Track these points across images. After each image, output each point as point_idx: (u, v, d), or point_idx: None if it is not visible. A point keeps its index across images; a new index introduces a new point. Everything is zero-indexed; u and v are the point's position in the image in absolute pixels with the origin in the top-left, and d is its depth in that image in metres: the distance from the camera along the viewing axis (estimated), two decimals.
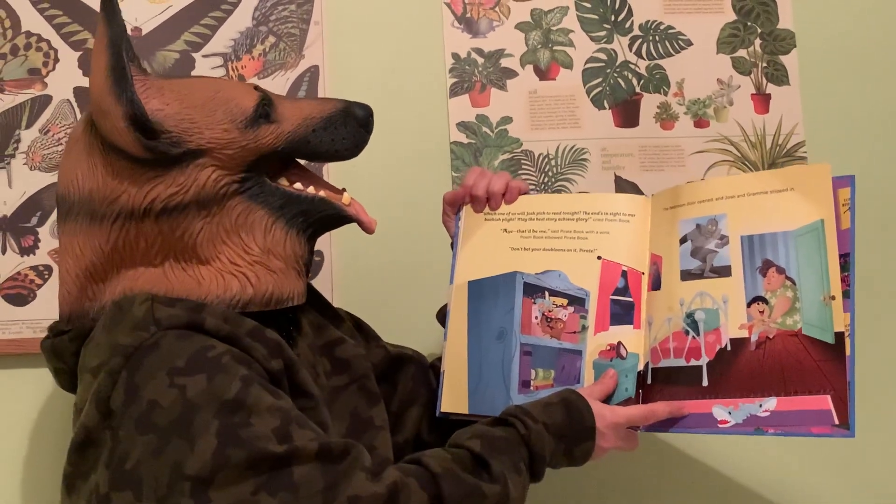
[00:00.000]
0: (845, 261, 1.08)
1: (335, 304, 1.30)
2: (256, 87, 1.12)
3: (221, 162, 1.06)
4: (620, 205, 1.24)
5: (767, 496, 1.55)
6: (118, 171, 1.04)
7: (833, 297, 1.07)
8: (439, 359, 1.33)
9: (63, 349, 1.08)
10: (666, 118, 1.59)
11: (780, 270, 1.11)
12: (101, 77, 1.03)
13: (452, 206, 1.30)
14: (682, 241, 1.18)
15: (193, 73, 1.50)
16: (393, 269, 1.51)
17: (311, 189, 1.13)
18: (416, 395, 1.28)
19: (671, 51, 1.61)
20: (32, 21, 1.48)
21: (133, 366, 0.95)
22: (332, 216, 1.14)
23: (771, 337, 1.10)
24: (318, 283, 1.45)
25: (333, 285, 1.49)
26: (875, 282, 1.57)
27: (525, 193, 1.27)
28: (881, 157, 1.62)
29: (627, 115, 1.59)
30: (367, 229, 1.16)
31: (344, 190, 1.17)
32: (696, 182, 1.25)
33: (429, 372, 1.31)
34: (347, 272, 1.50)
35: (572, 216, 1.24)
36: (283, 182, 1.12)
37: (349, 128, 1.13)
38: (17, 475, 1.41)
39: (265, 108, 1.10)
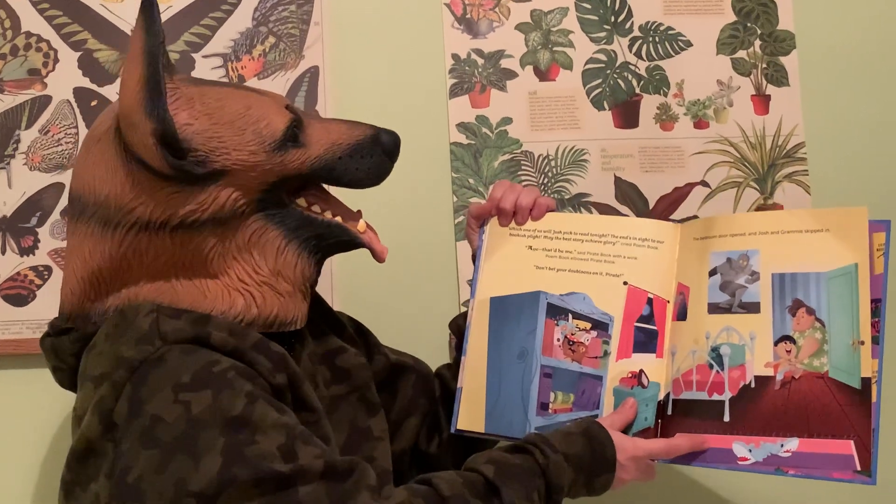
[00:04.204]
0: (876, 306, 1.07)
1: (335, 307, 1.30)
2: (288, 106, 1.09)
3: (243, 183, 1.04)
4: (649, 230, 1.22)
5: None
6: (138, 181, 1.02)
7: (862, 342, 1.06)
8: (446, 366, 1.33)
9: (63, 349, 1.07)
10: (666, 119, 1.59)
11: (810, 311, 1.10)
12: (133, 88, 1.00)
13: (478, 220, 1.29)
14: (712, 273, 1.17)
15: (193, 73, 1.50)
16: (392, 270, 1.51)
17: (328, 214, 1.11)
18: (415, 404, 1.27)
19: (671, 52, 1.61)
20: (32, 21, 1.47)
21: (138, 380, 0.94)
22: (345, 242, 1.12)
23: (797, 377, 1.09)
24: (319, 287, 1.44)
25: (333, 287, 1.49)
26: None
27: (552, 211, 1.26)
28: (879, 157, 1.62)
29: (627, 116, 1.59)
30: (378, 258, 1.14)
31: (359, 213, 1.15)
32: (729, 215, 1.23)
33: (430, 381, 1.31)
34: (347, 274, 1.50)
35: (600, 238, 1.22)
36: (301, 202, 1.11)
37: (375, 157, 1.11)
38: (16, 476, 1.41)
39: (295, 130, 1.07)
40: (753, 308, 1.14)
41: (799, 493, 1.55)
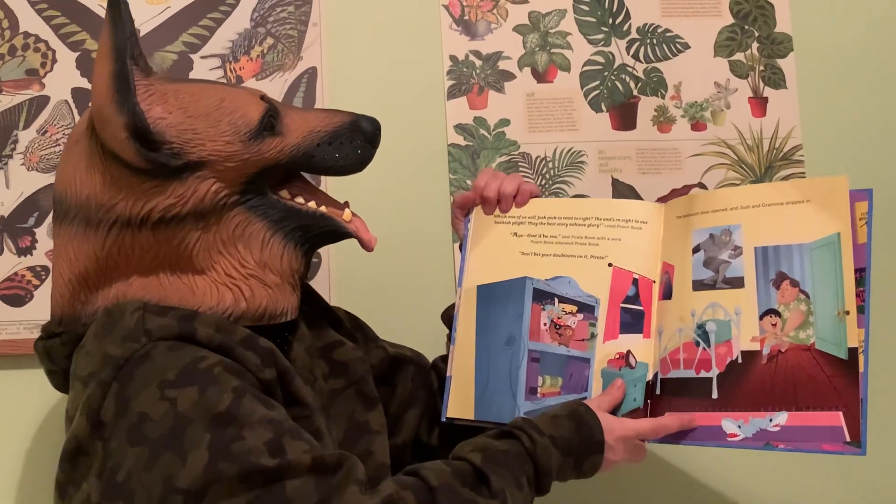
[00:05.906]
0: (861, 275, 1.07)
1: (333, 304, 1.30)
2: (263, 97, 1.09)
3: (222, 174, 1.04)
4: (633, 211, 1.22)
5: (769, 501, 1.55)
6: (117, 179, 1.02)
7: (847, 313, 1.06)
8: (441, 358, 1.33)
9: (55, 352, 1.07)
10: (663, 121, 1.60)
11: (795, 283, 1.10)
12: (103, 84, 1.01)
13: (462, 209, 1.29)
14: (695, 250, 1.17)
15: (192, 74, 1.50)
16: (390, 269, 1.51)
17: (312, 204, 1.11)
18: (414, 396, 1.27)
19: (668, 54, 1.61)
20: (31, 22, 1.48)
21: (124, 378, 0.94)
22: (331, 232, 1.12)
23: (783, 350, 1.09)
24: (316, 283, 1.45)
25: (331, 284, 1.49)
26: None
27: (536, 197, 1.26)
28: (877, 160, 1.63)
29: (625, 117, 1.59)
30: (367, 247, 1.14)
31: (346, 204, 1.15)
32: (710, 191, 1.24)
33: (429, 373, 1.31)
34: (345, 272, 1.50)
35: (584, 222, 1.23)
36: (284, 194, 1.10)
37: (355, 143, 1.11)
38: (12, 476, 1.41)
39: (271, 119, 1.07)
40: (737, 283, 1.13)
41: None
